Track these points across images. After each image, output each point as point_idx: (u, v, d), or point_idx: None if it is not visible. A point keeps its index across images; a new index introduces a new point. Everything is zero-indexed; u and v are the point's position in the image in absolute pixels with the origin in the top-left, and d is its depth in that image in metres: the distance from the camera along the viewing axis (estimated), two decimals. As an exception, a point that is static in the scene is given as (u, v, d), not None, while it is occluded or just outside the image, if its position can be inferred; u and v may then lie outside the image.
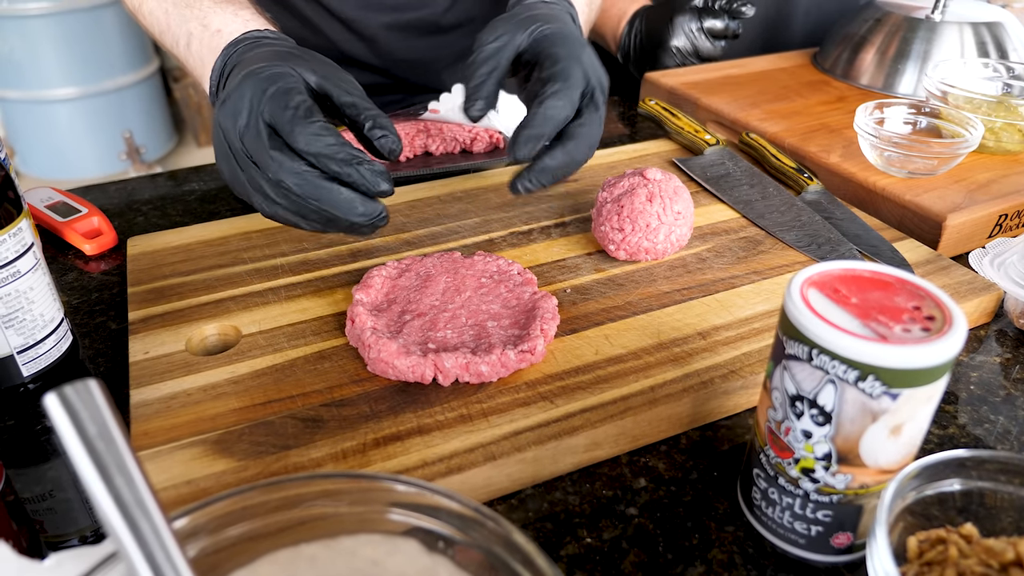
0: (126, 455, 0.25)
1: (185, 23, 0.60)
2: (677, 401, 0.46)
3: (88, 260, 0.67)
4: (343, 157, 0.46)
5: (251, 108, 0.47)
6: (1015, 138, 0.72)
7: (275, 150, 0.46)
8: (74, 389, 0.25)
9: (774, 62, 1.03)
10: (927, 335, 0.33)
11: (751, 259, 0.60)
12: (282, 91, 0.47)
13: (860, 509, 0.37)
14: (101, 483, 0.25)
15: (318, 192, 0.46)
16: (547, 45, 0.54)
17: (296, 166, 0.46)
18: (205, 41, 0.58)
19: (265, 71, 0.49)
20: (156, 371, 0.49)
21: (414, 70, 0.94)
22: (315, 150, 0.46)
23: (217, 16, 0.59)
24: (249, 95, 0.47)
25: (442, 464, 0.41)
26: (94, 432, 0.25)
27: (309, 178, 0.46)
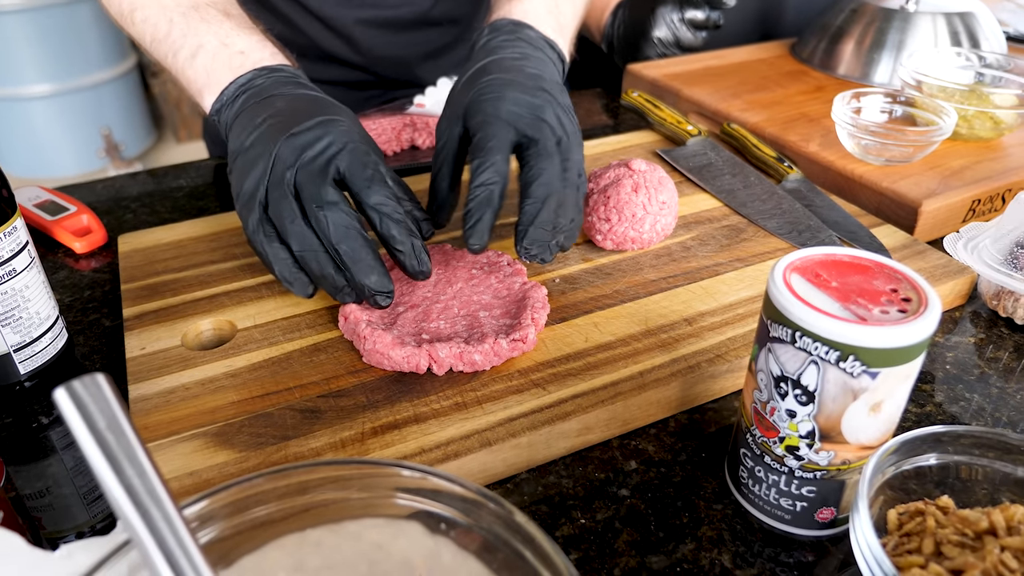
0: (136, 446, 0.26)
1: (195, 35, 0.58)
2: (665, 385, 0.47)
3: (79, 258, 0.68)
4: (397, 217, 0.49)
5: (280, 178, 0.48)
6: (987, 125, 0.74)
7: (332, 189, 0.48)
8: (82, 383, 0.25)
9: (754, 53, 1.04)
10: (904, 316, 0.34)
11: (734, 247, 0.62)
12: (355, 151, 0.49)
13: (843, 484, 0.38)
14: (112, 474, 0.26)
15: (347, 240, 0.48)
16: (475, 107, 0.53)
17: (345, 213, 0.48)
18: (222, 58, 0.56)
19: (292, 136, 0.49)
20: (153, 366, 0.50)
21: (392, 66, 0.95)
22: (382, 210, 0.49)
23: (242, 39, 0.57)
24: (276, 165, 0.49)
25: (439, 451, 0.42)
26: (103, 424, 0.26)
27: (350, 228, 0.48)
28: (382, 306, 0.50)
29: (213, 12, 0.59)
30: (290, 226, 0.48)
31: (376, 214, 0.49)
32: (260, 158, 0.50)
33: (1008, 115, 0.73)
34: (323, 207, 0.48)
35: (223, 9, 0.60)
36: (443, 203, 0.56)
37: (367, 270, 0.48)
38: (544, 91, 0.53)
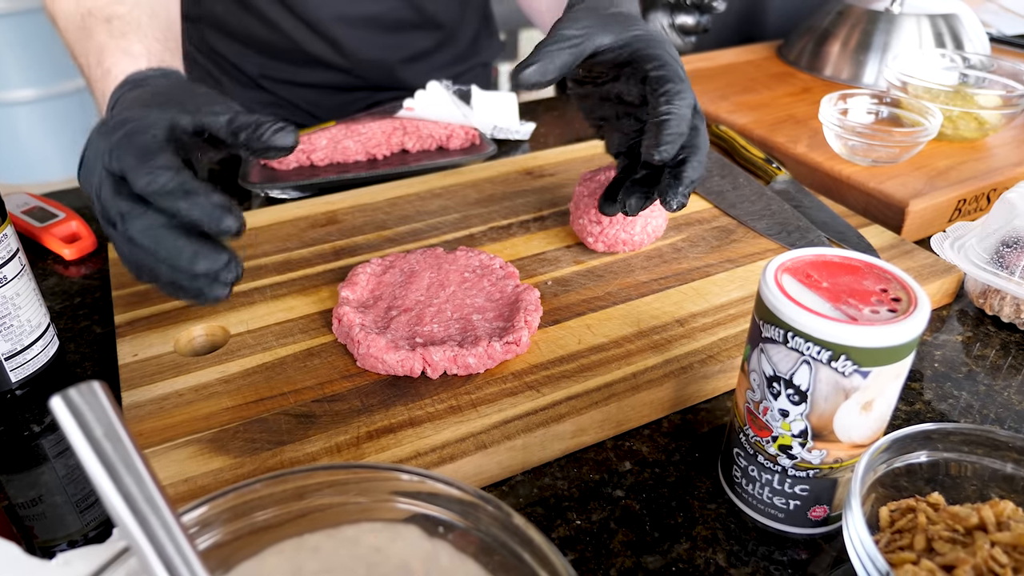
0: (133, 453, 0.26)
1: (84, 55, 0.56)
2: (659, 386, 0.47)
3: (68, 265, 0.67)
4: (173, 188, 0.40)
5: (101, 161, 0.43)
6: (971, 126, 0.75)
7: (123, 199, 0.42)
8: (78, 391, 0.25)
9: (741, 55, 1.05)
10: (894, 316, 0.35)
11: (724, 248, 0.62)
12: (128, 134, 0.42)
13: (835, 483, 0.39)
14: (110, 482, 0.26)
15: (159, 242, 0.41)
16: (644, 46, 0.49)
17: (145, 216, 0.41)
18: (98, 81, 0.54)
19: (113, 119, 0.44)
20: (146, 373, 0.49)
21: (376, 69, 0.95)
22: (151, 189, 0.40)
23: (109, 52, 0.53)
24: (97, 147, 0.43)
25: (434, 454, 0.43)
26: (100, 432, 0.26)
27: (155, 227, 0.41)
28: (231, 280, 0.43)
29: (95, 21, 0.56)
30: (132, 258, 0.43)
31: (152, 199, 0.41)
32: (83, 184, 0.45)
33: (992, 116, 0.74)
34: (122, 221, 0.42)
35: (107, 14, 0.56)
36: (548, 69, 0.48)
37: (188, 261, 0.41)
38: None
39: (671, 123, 0.47)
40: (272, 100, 0.96)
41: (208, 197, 0.41)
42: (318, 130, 0.81)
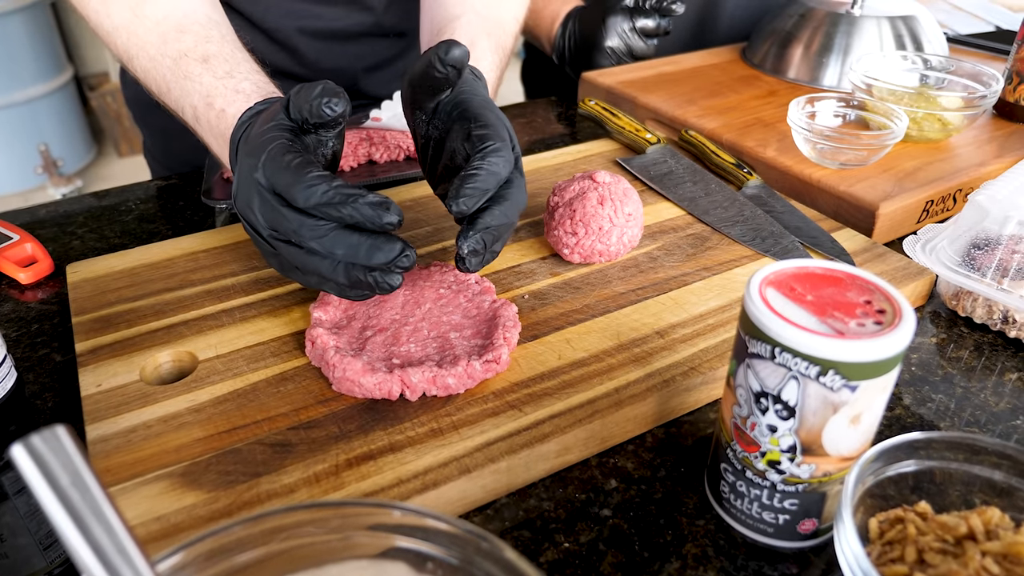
0: (102, 502, 0.25)
1: (187, 96, 0.58)
2: (642, 401, 0.47)
3: (24, 289, 0.65)
4: (338, 199, 0.44)
5: (256, 185, 0.46)
6: (935, 127, 0.76)
7: (292, 213, 0.45)
8: (41, 438, 0.24)
9: (705, 58, 1.05)
10: (880, 328, 0.34)
11: (700, 256, 0.62)
12: (273, 154, 0.46)
13: (824, 496, 0.39)
14: (78, 533, 0.24)
15: (336, 243, 0.45)
16: (473, 107, 0.52)
17: (313, 223, 0.45)
18: (212, 122, 0.56)
19: (252, 143, 0.48)
20: (111, 404, 0.47)
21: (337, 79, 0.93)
22: (314, 202, 0.44)
23: (220, 94, 0.56)
24: (248, 174, 0.47)
25: (417, 481, 0.41)
26: (67, 481, 0.24)
27: (328, 232, 0.45)
28: (410, 265, 0.46)
29: (192, 64, 0.58)
30: (320, 270, 0.47)
31: (316, 212, 0.45)
32: (251, 236, 0.50)
33: (955, 117, 0.75)
34: (295, 233, 0.45)
35: (202, 54, 0.58)
36: None
37: (367, 254, 0.45)
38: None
39: (478, 177, 0.47)
40: None
41: (365, 198, 0.44)
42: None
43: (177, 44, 0.58)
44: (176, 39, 0.59)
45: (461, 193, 0.47)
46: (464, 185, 0.47)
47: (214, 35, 0.60)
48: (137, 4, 0.60)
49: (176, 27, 0.59)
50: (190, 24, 0.60)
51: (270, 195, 0.46)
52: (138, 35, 0.60)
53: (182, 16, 0.60)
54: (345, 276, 0.46)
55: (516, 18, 0.76)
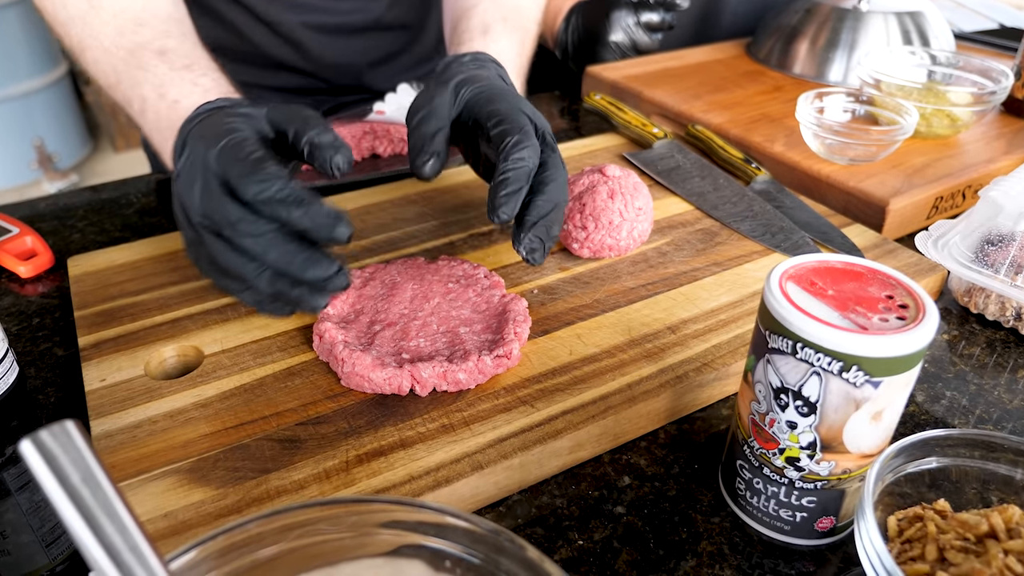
0: (114, 499, 0.24)
1: (137, 87, 0.55)
2: (655, 397, 0.46)
3: (24, 283, 0.64)
4: (292, 199, 0.41)
5: (204, 169, 0.43)
6: (944, 123, 0.75)
7: (233, 205, 0.42)
8: (51, 432, 0.23)
9: (710, 53, 1.05)
10: (904, 324, 0.34)
11: (710, 251, 0.61)
12: (233, 144, 0.43)
13: (843, 493, 0.38)
14: (90, 532, 0.24)
15: (273, 246, 0.42)
16: (483, 103, 0.51)
17: (254, 219, 0.42)
18: (162, 112, 0.53)
19: (211, 129, 0.45)
20: (116, 399, 0.47)
21: (341, 73, 0.93)
22: (264, 196, 0.41)
23: (175, 84, 0.54)
24: (200, 157, 0.44)
25: (429, 477, 0.41)
26: (77, 478, 0.24)
27: (266, 231, 0.42)
28: (343, 288, 0.44)
29: (148, 55, 0.55)
30: (224, 260, 0.44)
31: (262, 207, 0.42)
32: (180, 220, 0.47)
33: (964, 112, 0.74)
34: (231, 227, 0.42)
35: (159, 47, 0.56)
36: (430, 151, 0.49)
37: (303, 266, 0.42)
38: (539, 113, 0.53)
39: (507, 181, 0.46)
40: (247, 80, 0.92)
41: (320, 206, 0.41)
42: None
43: (133, 36, 0.57)
44: (133, 31, 0.57)
45: (496, 204, 0.46)
46: (497, 195, 0.46)
47: (174, 31, 0.58)
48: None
49: (134, 20, 0.57)
50: (149, 18, 0.58)
51: (216, 182, 0.43)
52: (93, 26, 0.58)
53: (141, 10, 0.58)
54: (269, 284, 0.43)
55: (536, 2, 0.75)
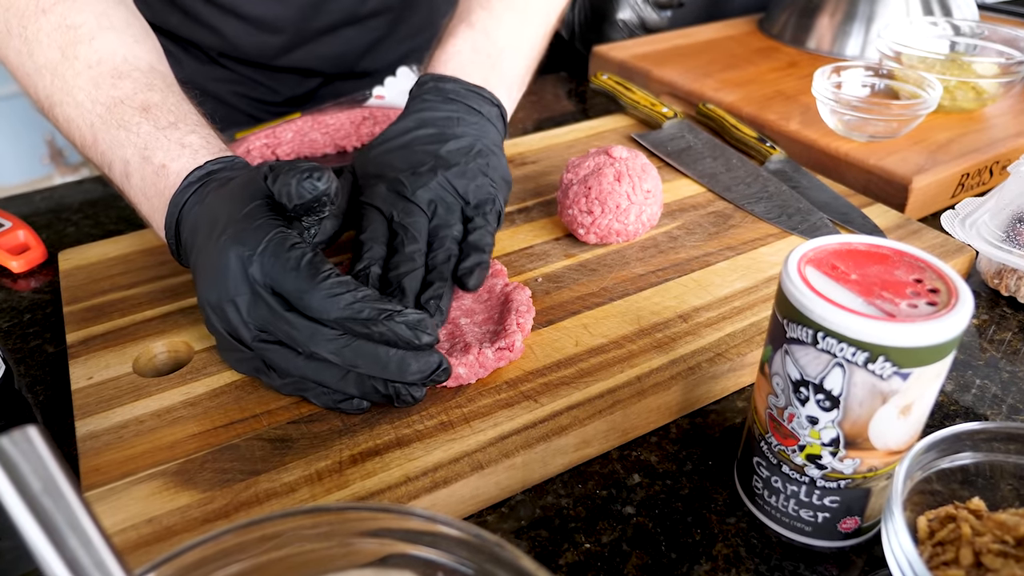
0: (79, 511, 0.22)
1: (119, 148, 0.48)
2: (666, 390, 0.44)
3: (16, 278, 0.62)
4: (369, 316, 0.39)
5: (247, 282, 0.40)
6: (969, 96, 0.72)
7: (300, 319, 0.40)
8: (11, 440, 0.21)
9: (721, 30, 1.01)
10: (935, 310, 0.31)
11: (723, 234, 0.58)
12: (275, 246, 0.40)
13: (868, 492, 0.35)
14: (51, 547, 0.22)
15: (360, 355, 0.39)
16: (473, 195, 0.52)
17: (330, 333, 0.40)
18: (148, 178, 0.47)
19: (243, 229, 0.41)
20: (103, 398, 0.45)
21: (337, 63, 0.91)
22: (336, 316, 0.39)
23: (160, 146, 0.47)
24: (237, 267, 0.40)
25: (426, 478, 0.39)
26: (39, 488, 0.22)
27: (346, 342, 0.40)
28: (446, 379, 0.41)
29: (129, 111, 0.48)
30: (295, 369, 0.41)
31: (336, 324, 0.40)
32: (217, 330, 0.43)
33: (990, 85, 0.71)
34: (305, 342, 0.40)
35: (142, 102, 0.49)
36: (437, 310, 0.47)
37: (399, 370, 0.40)
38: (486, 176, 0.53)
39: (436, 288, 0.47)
40: (232, 77, 0.90)
41: (402, 316, 0.39)
42: (283, 123, 0.76)
43: (112, 90, 0.49)
44: (112, 85, 0.49)
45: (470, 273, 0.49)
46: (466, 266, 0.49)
47: (157, 83, 0.51)
48: (69, 43, 0.50)
49: (113, 72, 0.50)
50: (130, 70, 0.50)
51: (269, 295, 0.40)
52: (66, 78, 0.50)
53: (121, 61, 0.50)
54: (357, 387, 0.41)
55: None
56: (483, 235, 0.50)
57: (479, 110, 0.55)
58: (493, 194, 0.52)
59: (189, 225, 0.45)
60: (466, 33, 0.58)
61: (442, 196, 0.51)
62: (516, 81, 0.60)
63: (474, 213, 0.51)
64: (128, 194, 0.50)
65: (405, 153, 0.53)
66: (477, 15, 0.58)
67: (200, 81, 0.89)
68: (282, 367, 0.41)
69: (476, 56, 0.57)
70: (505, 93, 0.58)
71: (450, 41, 0.58)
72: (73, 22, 0.50)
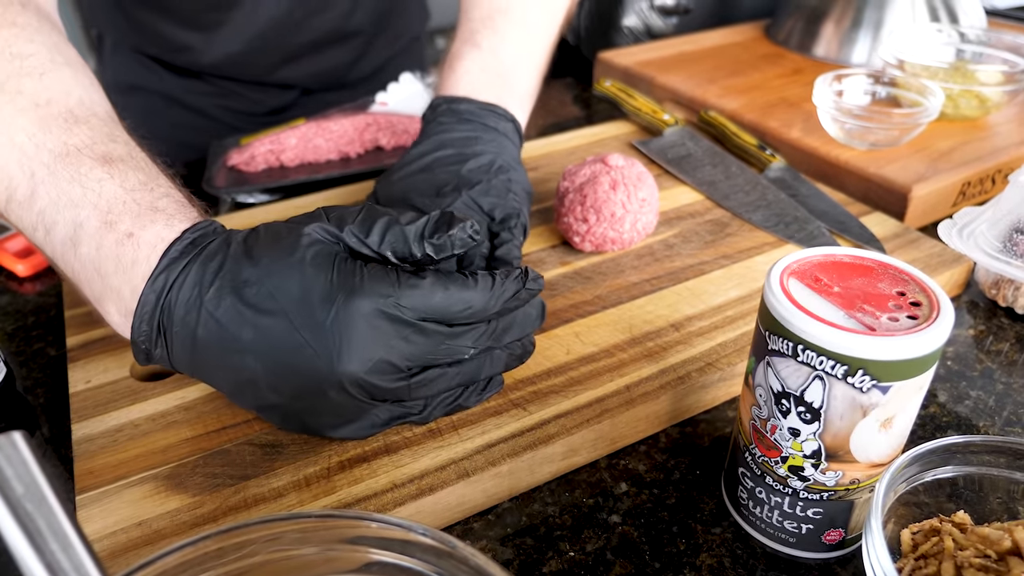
0: (60, 516, 0.23)
1: (69, 208, 0.39)
2: (655, 399, 0.44)
3: (22, 281, 0.63)
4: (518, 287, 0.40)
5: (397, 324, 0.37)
6: (972, 104, 0.71)
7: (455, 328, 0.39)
8: (-5, 444, 0.22)
9: (727, 36, 1.01)
10: (915, 324, 0.31)
11: (719, 243, 0.58)
12: (408, 282, 0.38)
13: (851, 505, 0.35)
14: (32, 551, 0.22)
15: (510, 329, 0.41)
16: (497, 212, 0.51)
17: (482, 325, 0.40)
18: (107, 248, 0.38)
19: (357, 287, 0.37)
20: (99, 401, 0.45)
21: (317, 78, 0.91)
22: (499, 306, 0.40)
23: (128, 209, 0.39)
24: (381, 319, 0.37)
25: (413, 485, 0.39)
26: (21, 492, 0.22)
27: (497, 323, 0.41)
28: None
29: (88, 164, 0.40)
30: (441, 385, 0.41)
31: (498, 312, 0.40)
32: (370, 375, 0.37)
33: (994, 93, 0.70)
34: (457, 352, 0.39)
35: (103, 154, 0.41)
36: None
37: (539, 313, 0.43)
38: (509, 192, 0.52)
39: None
40: (214, 91, 0.90)
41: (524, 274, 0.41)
42: (287, 129, 0.77)
43: (65, 136, 0.41)
44: (64, 129, 0.41)
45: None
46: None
47: (119, 135, 0.43)
48: (12, 74, 0.42)
49: (66, 115, 0.42)
50: (87, 115, 0.42)
51: (424, 324, 0.38)
52: (7, 114, 0.41)
53: (76, 103, 0.42)
54: (496, 365, 0.42)
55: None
56: (510, 249, 0.49)
57: (495, 127, 0.55)
58: (517, 208, 0.51)
59: (194, 316, 0.37)
60: (473, 54, 0.58)
61: (468, 214, 0.51)
62: (527, 95, 0.60)
63: (500, 228, 0.50)
64: (69, 266, 0.40)
65: (427, 176, 0.52)
66: (482, 35, 0.58)
67: (180, 94, 0.90)
68: (435, 390, 0.40)
69: (486, 75, 0.57)
70: (518, 107, 0.58)
71: (458, 63, 0.58)
72: (21, 51, 0.43)
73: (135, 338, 0.39)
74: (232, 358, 0.37)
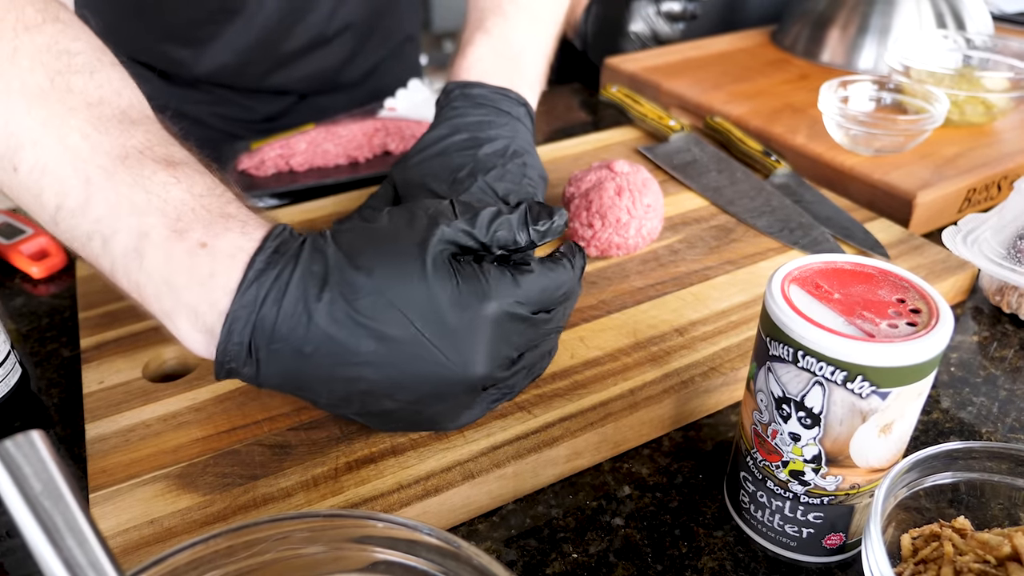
0: (77, 513, 0.23)
1: (133, 214, 0.36)
2: (658, 403, 0.44)
3: (37, 283, 0.64)
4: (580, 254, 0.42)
5: (516, 321, 0.38)
6: (978, 110, 0.72)
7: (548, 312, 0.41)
8: (15, 443, 0.23)
9: (733, 42, 1.02)
10: (914, 330, 0.31)
11: (724, 248, 0.59)
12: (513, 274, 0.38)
13: (851, 509, 0.36)
14: (50, 546, 0.23)
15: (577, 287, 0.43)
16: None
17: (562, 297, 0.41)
18: (177, 258, 0.36)
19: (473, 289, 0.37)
20: (112, 402, 0.46)
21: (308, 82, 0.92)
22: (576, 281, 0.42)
23: (200, 217, 0.37)
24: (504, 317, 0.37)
25: (419, 486, 0.40)
26: (39, 490, 0.23)
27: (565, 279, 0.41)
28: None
29: (152, 167, 0.37)
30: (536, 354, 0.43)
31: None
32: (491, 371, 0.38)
33: (1000, 99, 0.71)
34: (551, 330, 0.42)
35: (165, 156, 0.38)
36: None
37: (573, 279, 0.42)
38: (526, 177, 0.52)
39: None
40: (209, 99, 0.91)
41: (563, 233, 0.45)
42: (296, 133, 0.78)
43: (122, 137, 0.38)
44: (121, 131, 0.38)
45: None
46: None
47: (174, 139, 0.41)
48: (62, 71, 0.39)
49: (119, 116, 0.39)
50: (141, 117, 0.40)
51: (535, 316, 0.39)
52: (55, 112, 0.38)
53: (127, 105, 0.40)
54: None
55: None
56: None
57: (508, 111, 0.55)
58: (532, 192, 0.52)
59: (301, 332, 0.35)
60: (484, 40, 0.58)
61: (483, 200, 0.51)
62: (536, 80, 0.61)
63: None
64: (131, 279, 0.37)
65: (443, 160, 0.53)
66: (492, 21, 0.59)
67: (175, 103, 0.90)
68: (536, 370, 0.44)
69: (497, 60, 0.58)
70: (528, 92, 0.59)
71: (469, 49, 0.58)
72: (68, 48, 0.40)
73: (222, 358, 0.36)
74: (347, 371, 0.36)
